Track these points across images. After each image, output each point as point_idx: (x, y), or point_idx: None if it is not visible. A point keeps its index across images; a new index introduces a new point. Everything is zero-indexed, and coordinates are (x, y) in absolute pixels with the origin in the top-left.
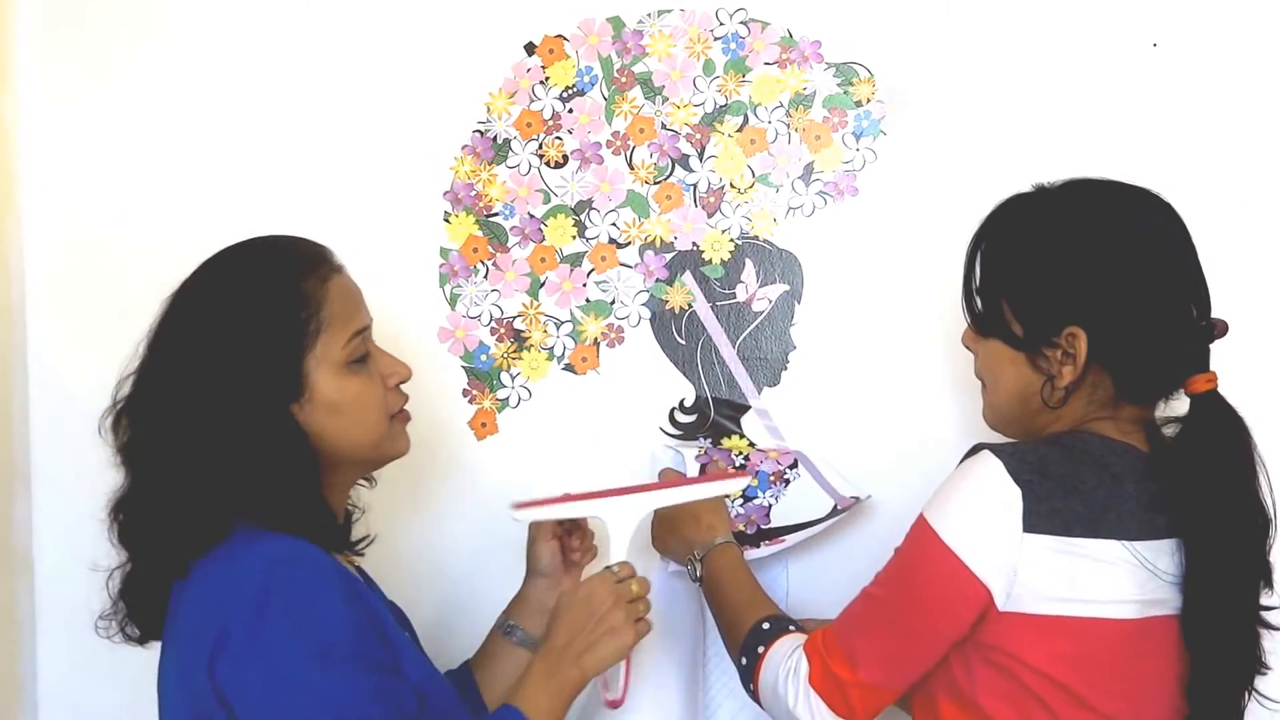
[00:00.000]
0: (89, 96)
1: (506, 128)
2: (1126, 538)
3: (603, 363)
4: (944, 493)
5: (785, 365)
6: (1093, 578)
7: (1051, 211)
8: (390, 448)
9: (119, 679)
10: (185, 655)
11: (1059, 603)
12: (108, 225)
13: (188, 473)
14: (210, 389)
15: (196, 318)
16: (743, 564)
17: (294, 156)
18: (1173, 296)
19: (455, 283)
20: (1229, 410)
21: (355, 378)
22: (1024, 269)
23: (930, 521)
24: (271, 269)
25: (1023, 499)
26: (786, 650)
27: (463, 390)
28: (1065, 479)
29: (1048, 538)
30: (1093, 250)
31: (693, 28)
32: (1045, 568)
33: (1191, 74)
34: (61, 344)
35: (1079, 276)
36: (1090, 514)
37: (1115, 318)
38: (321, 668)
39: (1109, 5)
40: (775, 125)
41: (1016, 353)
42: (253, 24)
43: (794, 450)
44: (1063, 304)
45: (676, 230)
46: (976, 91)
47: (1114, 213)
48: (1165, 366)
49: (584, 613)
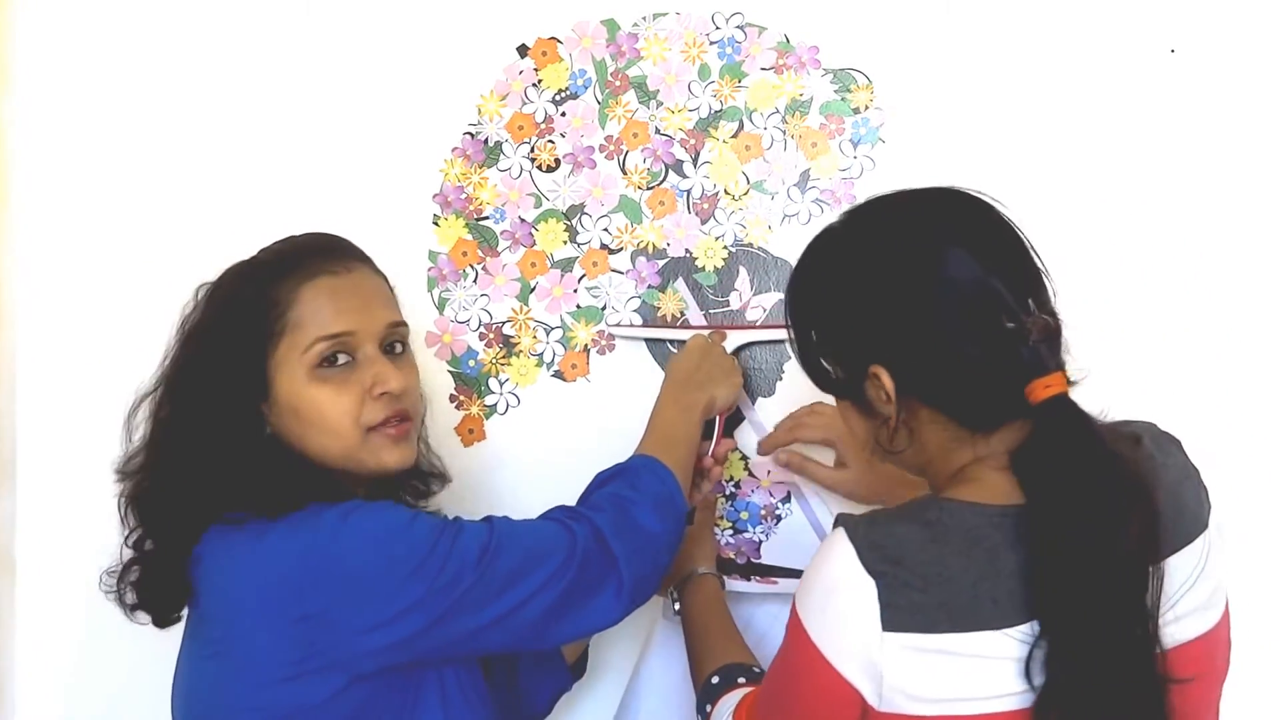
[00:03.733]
0: (84, 99)
1: (498, 130)
2: (1006, 625)
3: (593, 370)
4: (806, 579)
5: (780, 375)
6: (968, 675)
7: (832, 249)
8: (370, 460)
9: (99, 678)
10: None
11: (935, 704)
12: (98, 226)
13: (179, 461)
14: (191, 386)
15: (196, 315)
16: (716, 600)
17: (283, 157)
18: (964, 309)
19: (444, 287)
20: (1074, 414)
21: (323, 384)
22: (821, 316)
23: (799, 611)
24: (256, 268)
25: (878, 593)
26: (724, 712)
27: (450, 396)
28: (926, 566)
29: (910, 635)
30: (865, 281)
31: (688, 31)
32: (911, 668)
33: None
34: (49, 344)
35: (860, 313)
36: (958, 605)
37: (904, 348)
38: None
39: (1122, 11)
40: (771, 131)
41: (849, 402)
42: (246, 27)
43: (788, 482)
44: (859, 344)
45: (669, 236)
46: (976, 99)
47: (887, 235)
48: (986, 384)
49: (697, 355)
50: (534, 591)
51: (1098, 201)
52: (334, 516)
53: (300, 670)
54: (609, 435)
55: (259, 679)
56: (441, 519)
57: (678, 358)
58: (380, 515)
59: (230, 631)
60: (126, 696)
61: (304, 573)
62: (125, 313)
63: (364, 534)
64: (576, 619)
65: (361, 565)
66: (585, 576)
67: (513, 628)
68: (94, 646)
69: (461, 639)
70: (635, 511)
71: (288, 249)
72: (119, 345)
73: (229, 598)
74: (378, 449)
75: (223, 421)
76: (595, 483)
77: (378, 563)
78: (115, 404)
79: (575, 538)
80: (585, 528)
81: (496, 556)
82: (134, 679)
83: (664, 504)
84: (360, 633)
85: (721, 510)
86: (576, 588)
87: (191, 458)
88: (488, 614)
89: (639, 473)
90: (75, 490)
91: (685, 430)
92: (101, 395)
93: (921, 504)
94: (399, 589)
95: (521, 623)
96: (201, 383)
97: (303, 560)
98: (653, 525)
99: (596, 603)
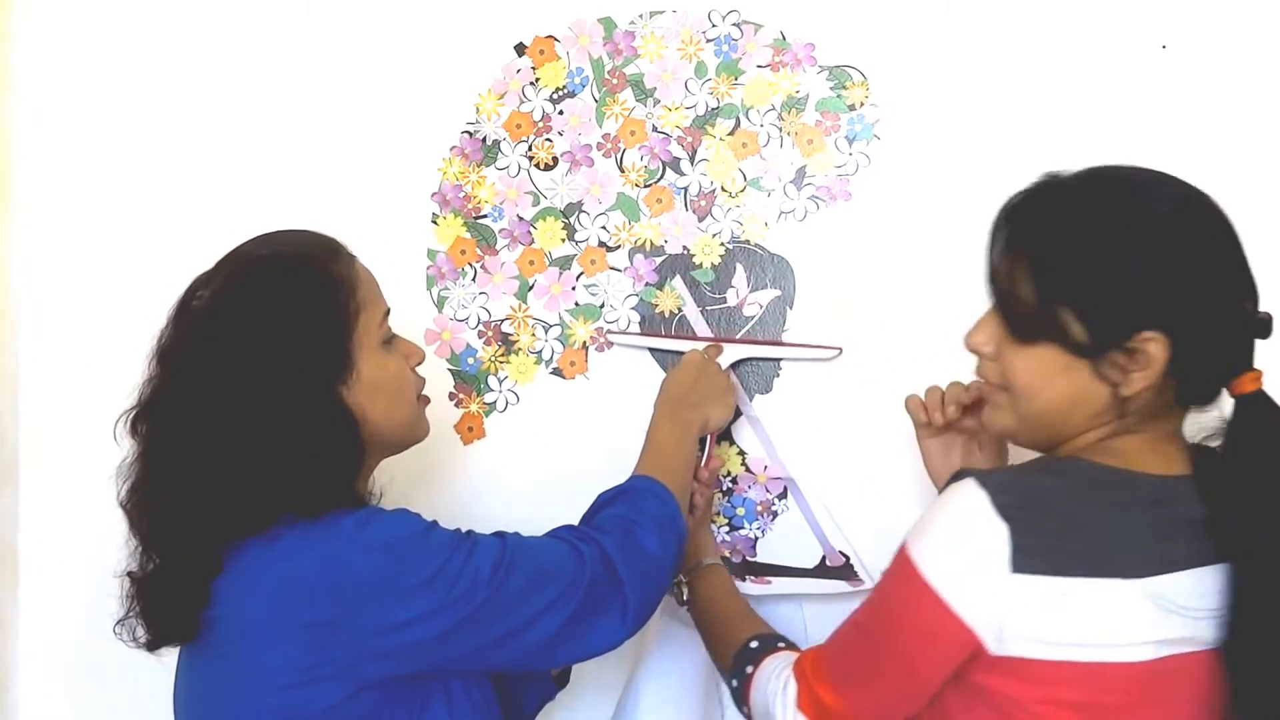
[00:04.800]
0: (84, 98)
1: (496, 129)
2: (1135, 575)
3: (591, 367)
4: (925, 523)
5: (778, 372)
6: (1096, 621)
7: (1106, 204)
8: (420, 428)
9: (101, 677)
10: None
11: (1059, 647)
12: (101, 225)
13: (235, 462)
14: (264, 375)
15: (241, 306)
16: (732, 586)
17: (284, 156)
18: (1241, 290)
19: (443, 285)
20: (1276, 409)
21: (392, 356)
22: (1087, 267)
23: (912, 554)
24: (307, 256)
25: (1010, 536)
26: (775, 669)
27: (449, 394)
28: (1062, 512)
29: (1041, 578)
30: (1165, 245)
31: (685, 29)
32: (1038, 612)
33: (1200, 77)
34: (51, 343)
35: (1158, 275)
36: (1092, 552)
37: (1196, 319)
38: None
39: (1115, 7)
40: (767, 129)
41: (1075, 360)
42: (246, 26)
43: (785, 477)
44: (1139, 306)
45: (667, 234)
46: (971, 96)
47: (1177, 204)
48: (1225, 367)
49: (693, 371)
50: (542, 611)
51: None
52: (350, 525)
53: (309, 677)
54: (607, 432)
55: (266, 684)
56: (456, 531)
57: (674, 373)
58: (397, 524)
59: (238, 636)
60: (129, 695)
61: (317, 580)
62: (127, 310)
63: (380, 542)
64: (582, 641)
65: (375, 572)
66: (592, 599)
67: (518, 646)
68: (96, 644)
69: (467, 654)
70: (639, 535)
71: (310, 239)
72: (121, 343)
73: (238, 602)
74: (421, 418)
75: (312, 406)
76: (598, 503)
77: (391, 570)
78: (118, 402)
79: (584, 560)
80: (593, 550)
81: (509, 574)
82: (137, 677)
83: (666, 527)
84: (369, 638)
85: (718, 506)
86: (584, 610)
87: (278, 451)
88: (495, 630)
89: (643, 495)
90: (78, 488)
91: (683, 450)
92: (104, 393)
93: (1055, 460)
94: (411, 597)
95: (527, 642)
96: (285, 373)
97: (317, 568)
98: (656, 549)
99: (602, 625)
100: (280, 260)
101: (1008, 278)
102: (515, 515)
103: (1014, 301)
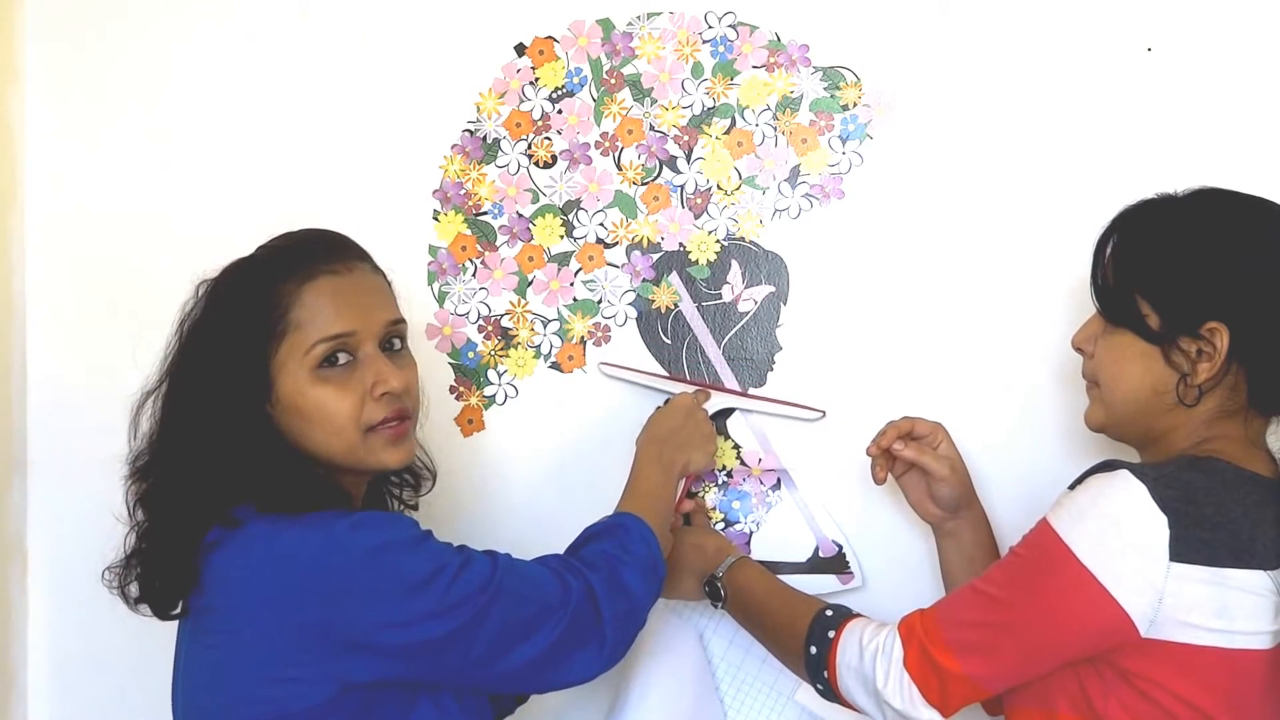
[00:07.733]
0: (86, 98)
1: (496, 128)
2: (1269, 568)
3: (589, 361)
4: (1079, 509)
5: (771, 366)
6: (1242, 609)
7: (1195, 211)
8: (369, 459)
9: (110, 666)
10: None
11: (1208, 633)
12: (107, 222)
13: (184, 458)
14: (194, 385)
15: (197, 313)
16: (769, 572)
17: (288, 154)
18: None
19: (443, 280)
20: None
21: (324, 385)
22: (1164, 260)
23: (1063, 536)
24: (256, 267)
25: (1169, 527)
26: (867, 632)
27: (450, 387)
28: (1212, 508)
29: (1196, 568)
30: (1238, 246)
31: (682, 30)
32: (1193, 599)
33: (1186, 79)
34: (59, 337)
35: (1224, 270)
36: (1237, 544)
37: (1259, 315)
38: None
39: (1100, 10)
40: (762, 128)
41: (1149, 346)
42: (248, 25)
43: (778, 469)
44: (1206, 298)
45: (663, 231)
46: (963, 96)
47: (1258, 215)
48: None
49: (682, 414)
50: (525, 637)
51: (1084, 198)
52: (345, 527)
53: (293, 675)
54: (604, 425)
55: (254, 672)
56: (448, 545)
57: (663, 413)
58: (390, 530)
59: (232, 622)
60: (137, 683)
61: (308, 580)
62: (132, 305)
63: (371, 546)
64: (558, 671)
65: (365, 573)
66: (574, 631)
67: (495, 670)
68: (104, 635)
69: (447, 671)
70: (624, 573)
71: (287, 247)
72: (127, 337)
73: (235, 589)
74: (378, 448)
75: (227, 420)
76: (586, 535)
77: (382, 572)
78: (124, 396)
79: (570, 592)
80: (580, 583)
81: (497, 597)
82: (144, 666)
83: (649, 570)
84: (355, 635)
85: (714, 501)
86: (564, 641)
87: (196, 455)
88: (476, 651)
89: (630, 534)
90: (85, 481)
91: (666, 492)
92: (110, 387)
93: (1194, 459)
94: (400, 600)
95: (505, 666)
96: (204, 382)
97: (309, 568)
98: (638, 589)
99: (579, 657)
100: (233, 271)
101: (1104, 270)
102: (514, 505)
103: (1103, 289)
